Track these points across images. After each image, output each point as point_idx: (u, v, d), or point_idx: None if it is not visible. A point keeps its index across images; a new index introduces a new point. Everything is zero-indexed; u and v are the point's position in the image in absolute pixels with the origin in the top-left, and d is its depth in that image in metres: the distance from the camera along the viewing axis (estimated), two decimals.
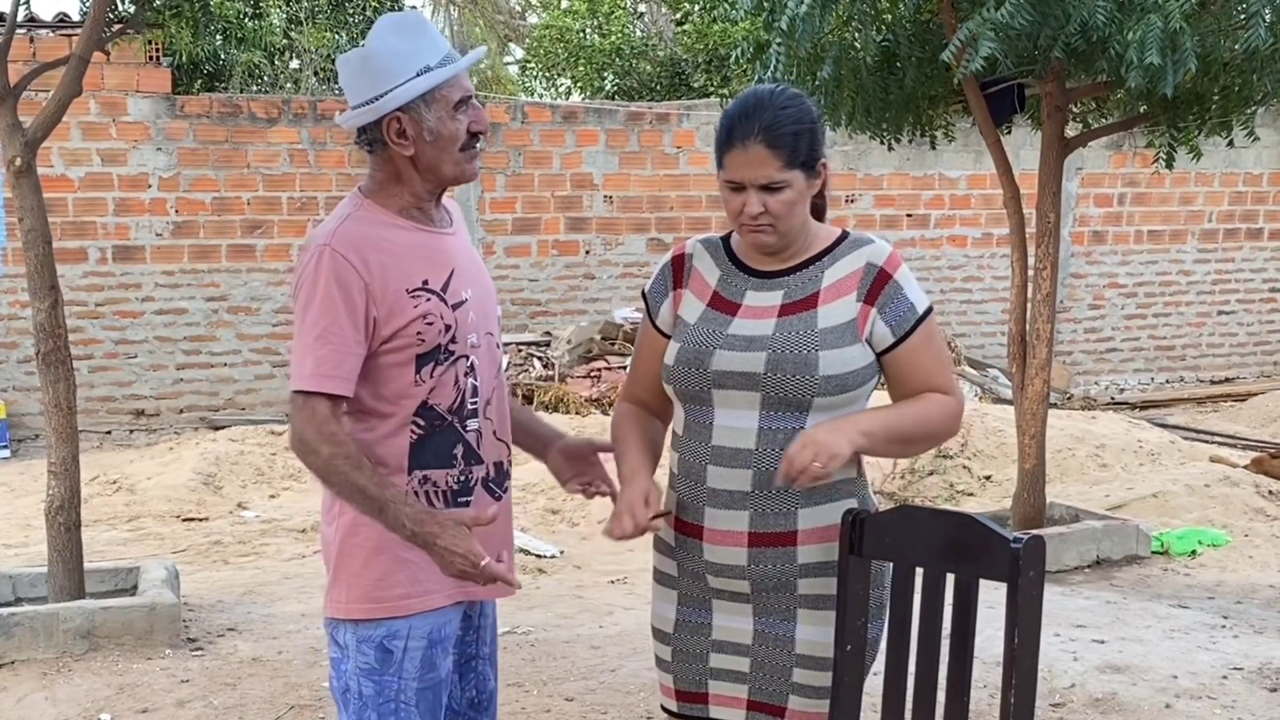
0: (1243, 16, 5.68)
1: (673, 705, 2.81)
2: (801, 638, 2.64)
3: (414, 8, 18.51)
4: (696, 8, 16.13)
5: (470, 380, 2.70)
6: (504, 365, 2.84)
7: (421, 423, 2.66)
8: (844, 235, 2.70)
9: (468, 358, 2.69)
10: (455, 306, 2.67)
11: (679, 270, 2.78)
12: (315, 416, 2.56)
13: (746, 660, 2.68)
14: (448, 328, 2.65)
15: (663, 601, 2.79)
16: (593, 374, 11.98)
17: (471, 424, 2.71)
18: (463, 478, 2.71)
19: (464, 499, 2.71)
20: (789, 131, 2.56)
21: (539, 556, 7.45)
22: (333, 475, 2.57)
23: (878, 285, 2.61)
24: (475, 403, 2.71)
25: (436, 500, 2.69)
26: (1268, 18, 5.60)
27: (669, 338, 2.74)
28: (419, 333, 2.61)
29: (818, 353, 2.56)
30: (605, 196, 13.13)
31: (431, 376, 2.64)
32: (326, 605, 2.75)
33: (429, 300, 2.63)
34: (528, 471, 9.35)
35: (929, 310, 2.66)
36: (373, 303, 2.58)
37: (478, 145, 2.71)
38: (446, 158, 2.66)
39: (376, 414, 2.65)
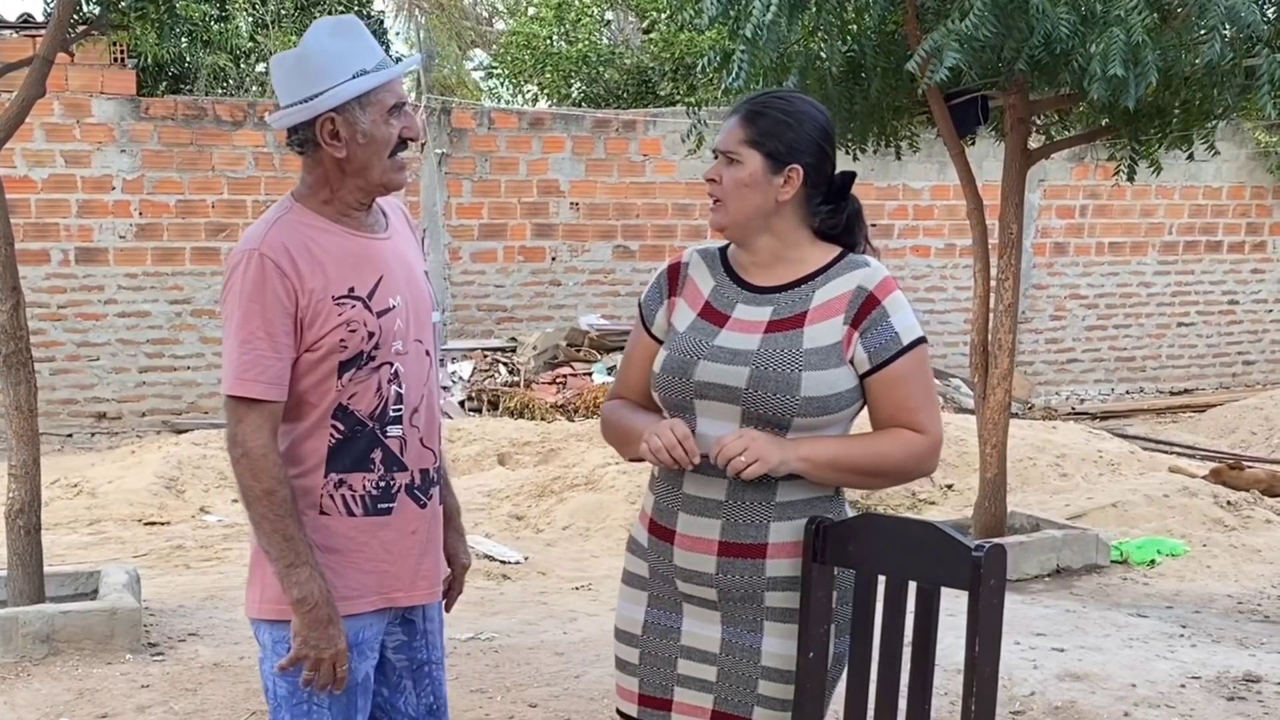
0: (1203, 31, 5.75)
1: (633, 710, 2.78)
2: (768, 650, 2.63)
3: (380, 13, 18.47)
4: (664, 16, 16.17)
5: (394, 387, 2.69)
6: (435, 374, 2.82)
7: (341, 427, 2.66)
8: (841, 255, 2.69)
9: (391, 364, 2.69)
10: (380, 314, 2.67)
11: (674, 278, 2.78)
12: (261, 433, 2.58)
13: (713, 669, 2.67)
14: (371, 335, 2.65)
15: (631, 603, 2.78)
16: (558, 380, 11.98)
17: (393, 430, 2.70)
18: (383, 483, 2.70)
19: (385, 505, 2.71)
20: (772, 118, 2.60)
21: (503, 562, 7.45)
22: (260, 510, 2.59)
23: (865, 309, 2.60)
24: (399, 409, 2.71)
25: (355, 506, 2.68)
26: (1227, 33, 5.67)
27: (662, 344, 2.74)
28: (341, 340, 2.62)
29: (801, 372, 2.56)
30: (571, 203, 13.14)
31: (351, 381, 2.65)
32: (246, 604, 2.79)
33: (353, 307, 2.63)
34: (493, 477, 9.37)
35: (917, 342, 2.62)
36: (300, 307, 2.60)
37: (404, 152, 2.72)
38: (376, 162, 2.67)
39: (295, 415, 2.66)
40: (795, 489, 2.61)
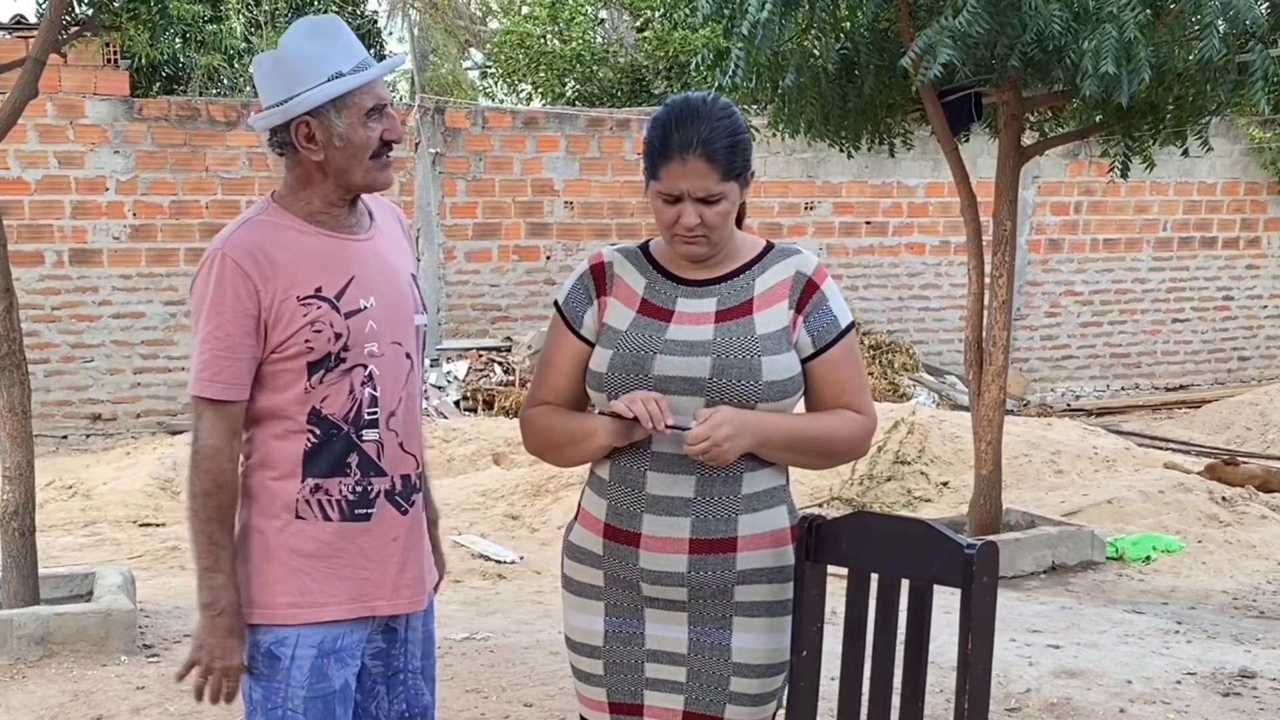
0: (1197, 27, 5.75)
1: (604, 719, 2.76)
2: (737, 645, 2.63)
3: (375, 12, 18.46)
4: (658, 15, 16.17)
5: (368, 390, 2.65)
6: (417, 377, 2.80)
7: (317, 431, 2.63)
8: (770, 245, 2.72)
9: (365, 366, 2.65)
10: (350, 315, 2.62)
11: (600, 279, 2.73)
12: (215, 433, 2.58)
13: (683, 670, 2.66)
14: (338, 336, 2.61)
15: (584, 614, 2.74)
16: None
17: (369, 434, 2.66)
18: (359, 488, 2.66)
19: (364, 510, 2.67)
20: (727, 144, 2.55)
21: (499, 562, 7.45)
22: (194, 506, 2.61)
23: (806, 294, 2.64)
24: (374, 413, 2.66)
25: (331, 511, 2.65)
26: (1221, 29, 5.67)
27: (592, 346, 2.70)
28: (307, 340, 2.59)
29: (760, 358, 2.57)
30: (566, 202, 13.14)
31: (322, 383, 2.61)
32: None
33: (319, 308, 2.60)
34: (488, 477, 9.36)
35: (851, 325, 2.69)
36: (263, 308, 2.57)
37: (389, 154, 2.68)
38: (356, 165, 2.63)
39: (270, 419, 2.64)
40: (759, 479, 2.62)
